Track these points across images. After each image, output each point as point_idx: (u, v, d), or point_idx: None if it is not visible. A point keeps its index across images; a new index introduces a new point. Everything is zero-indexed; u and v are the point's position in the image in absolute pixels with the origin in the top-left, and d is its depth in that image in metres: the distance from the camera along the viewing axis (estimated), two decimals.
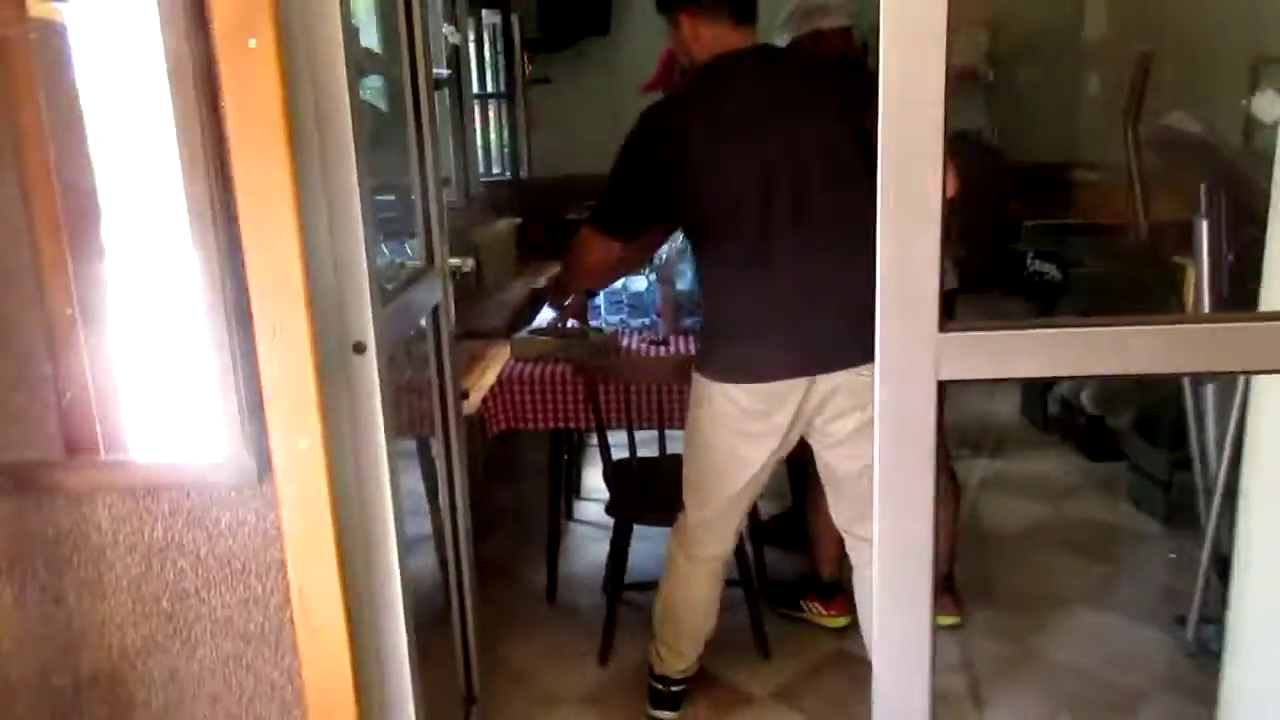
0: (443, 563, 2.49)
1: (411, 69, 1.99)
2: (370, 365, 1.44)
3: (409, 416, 2.64)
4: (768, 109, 1.94)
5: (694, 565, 2.30)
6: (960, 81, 6.65)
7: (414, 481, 2.95)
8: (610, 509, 2.70)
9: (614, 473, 2.71)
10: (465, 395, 3.01)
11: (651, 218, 2.17)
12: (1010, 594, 2.94)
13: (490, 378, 3.51)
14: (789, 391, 2.04)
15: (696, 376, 2.15)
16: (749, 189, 1.95)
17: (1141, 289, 3.05)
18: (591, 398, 2.61)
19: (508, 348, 3.88)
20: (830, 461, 2.17)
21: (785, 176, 1.94)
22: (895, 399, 1.36)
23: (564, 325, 2.89)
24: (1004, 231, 5.76)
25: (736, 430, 2.09)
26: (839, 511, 2.26)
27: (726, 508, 2.21)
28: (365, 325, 1.43)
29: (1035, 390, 4.16)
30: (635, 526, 2.63)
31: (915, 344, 1.34)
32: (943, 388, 1.33)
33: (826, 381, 2.04)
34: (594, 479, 3.81)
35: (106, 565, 1.45)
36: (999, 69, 6.71)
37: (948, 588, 2.78)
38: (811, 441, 2.17)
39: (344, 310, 1.43)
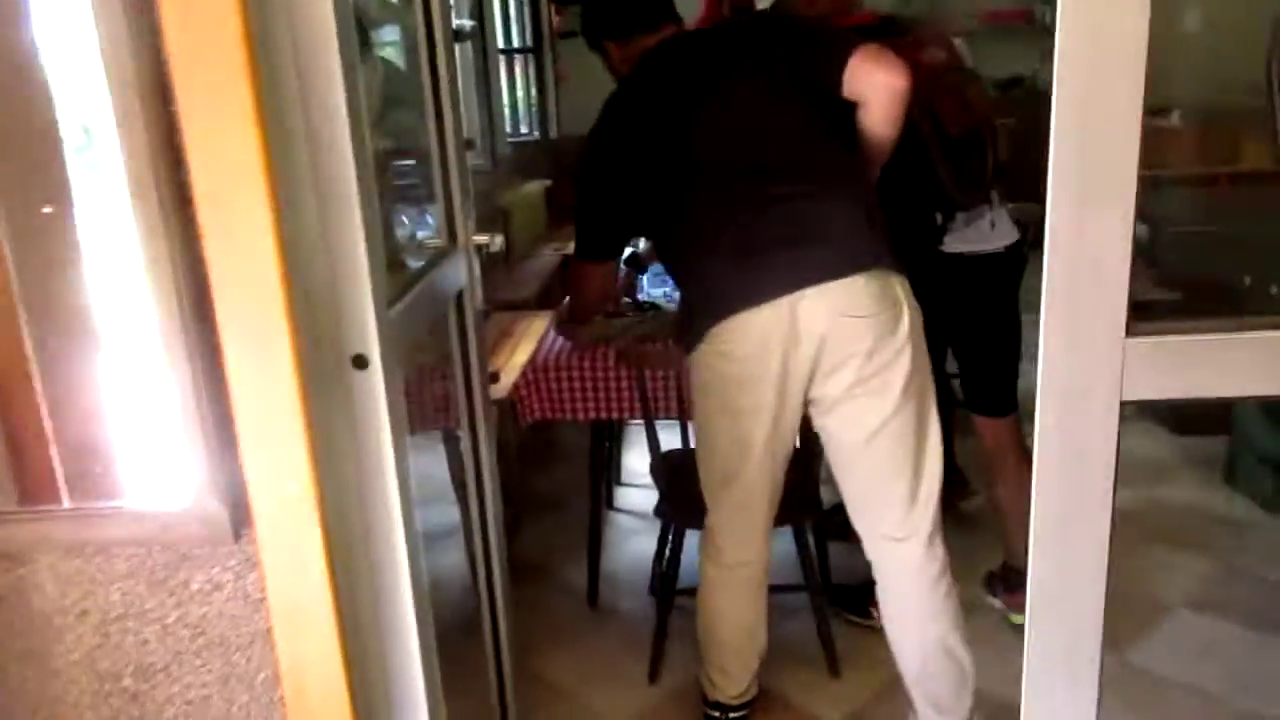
0: (472, 566, 2.18)
1: (426, 15, 1.64)
2: (375, 382, 1.11)
3: (432, 406, 2.34)
4: (702, 77, 1.90)
5: (724, 574, 2.02)
6: (1015, 24, 6.16)
7: (439, 468, 2.66)
8: (660, 510, 2.37)
9: (663, 466, 2.38)
10: (495, 378, 2.72)
11: (629, 225, 2.09)
12: None
13: (522, 356, 3.21)
14: (771, 336, 1.78)
15: (688, 357, 1.92)
16: (704, 150, 1.86)
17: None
18: (639, 386, 2.27)
19: (540, 322, 3.58)
20: (830, 429, 1.89)
21: (735, 130, 1.86)
22: (1060, 422, 1.02)
23: (618, 305, 2.60)
24: None
25: (730, 407, 1.86)
26: (849, 500, 1.95)
27: (743, 500, 1.94)
28: (368, 333, 1.10)
29: None
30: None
31: (1092, 351, 1.00)
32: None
33: (809, 318, 1.76)
34: (635, 462, 3.49)
35: (55, 635, 1.14)
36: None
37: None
38: (811, 413, 1.91)
39: (340, 315, 1.09)
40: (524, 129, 5.36)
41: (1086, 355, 0.99)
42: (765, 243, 1.79)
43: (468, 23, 3.59)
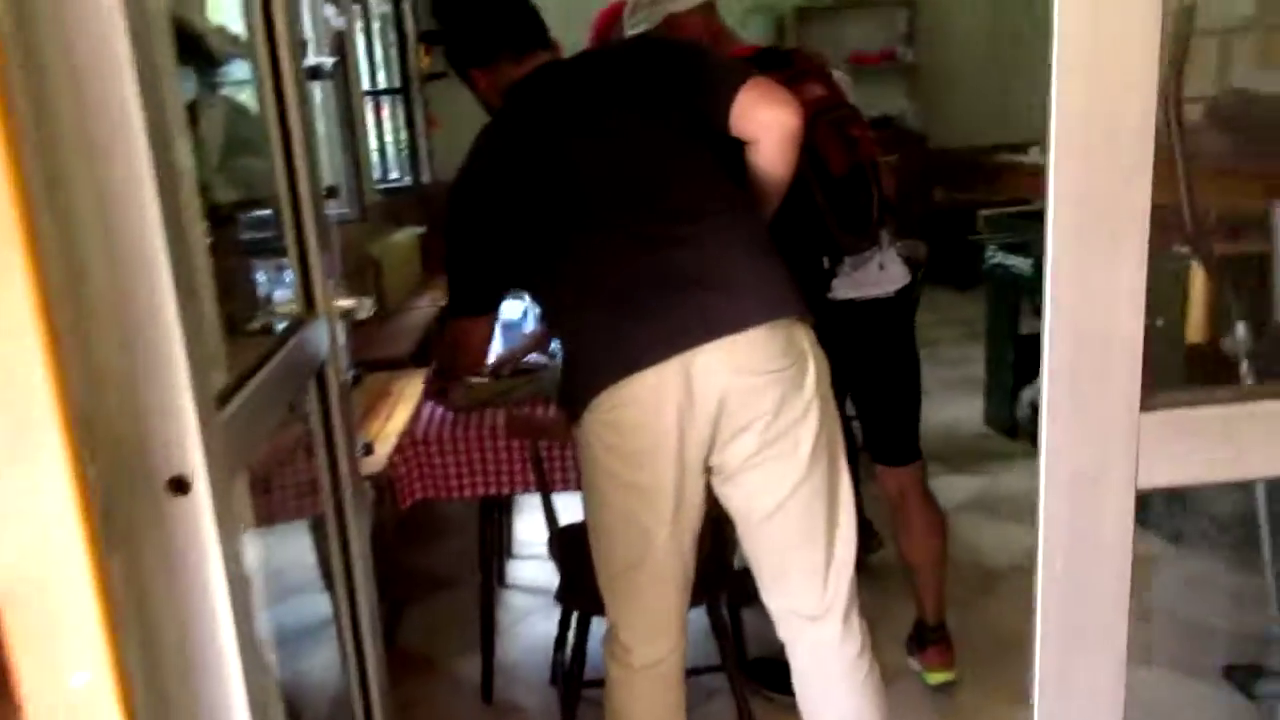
0: (345, 670, 1.88)
1: (270, 44, 1.38)
2: (200, 510, 0.82)
3: (294, 493, 2.03)
4: (576, 109, 1.72)
5: (633, 676, 1.73)
6: (880, 65, 6.24)
7: (305, 550, 2.33)
8: (561, 595, 2.11)
9: (562, 544, 2.12)
10: (369, 450, 2.44)
11: (504, 274, 1.80)
12: (1010, 640, 2.47)
13: (399, 421, 2.90)
14: (665, 401, 1.54)
15: (574, 428, 1.68)
16: (581, 189, 1.66)
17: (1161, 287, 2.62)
18: (532, 457, 2.02)
19: (418, 381, 3.27)
20: (735, 499, 1.67)
21: (616, 165, 1.66)
22: (1066, 516, 0.84)
23: (518, 364, 2.35)
24: (938, 220, 5.40)
25: (625, 484, 1.62)
26: (759, 576, 1.73)
27: (649, 591, 1.68)
28: (188, 446, 0.81)
29: (1000, 394, 3.73)
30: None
31: (1102, 430, 0.81)
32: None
33: (706, 377, 1.54)
34: (529, 531, 3.21)
35: None
36: (920, 50, 6.34)
37: (939, 638, 2.30)
38: (713, 481, 1.68)
39: (147, 425, 0.81)
40: (394, 175, 5.05)
41: (1096, 435, 0.81)
42: (653, 293, 1.57)
43: (328, 60, 3.29)
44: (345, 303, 1.53)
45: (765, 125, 1.59)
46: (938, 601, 2.28)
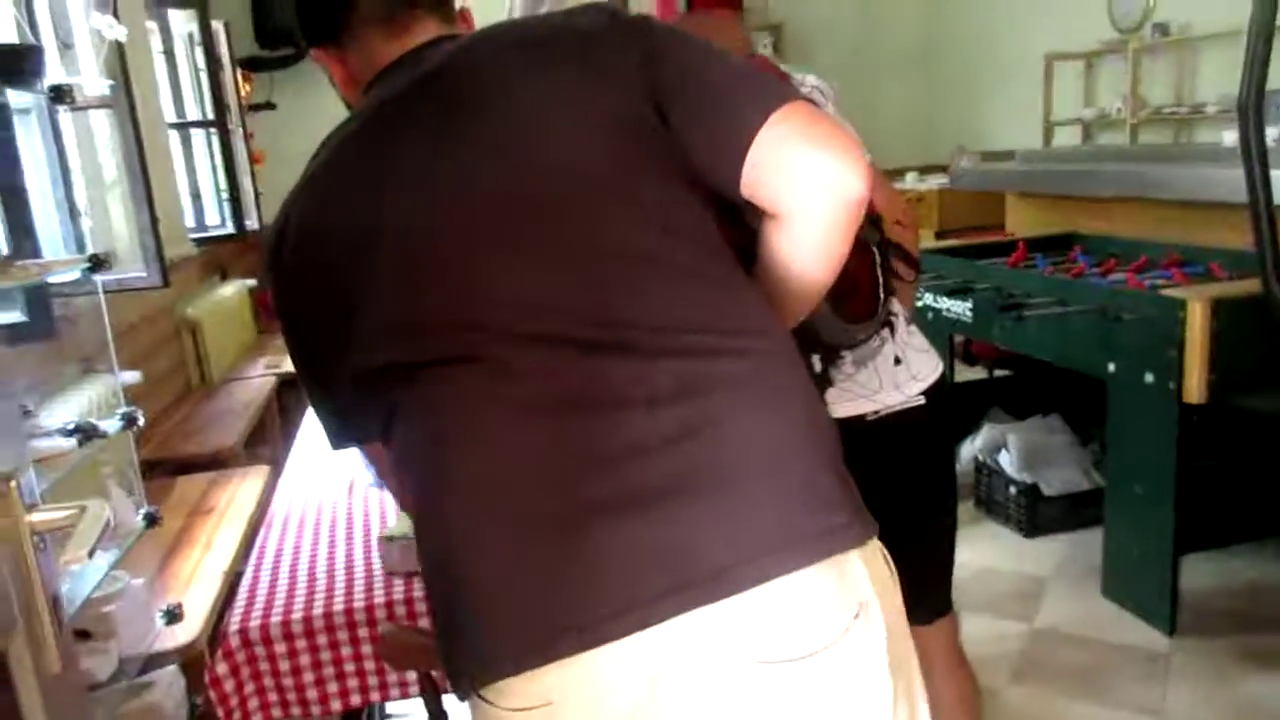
0: None
1: None
2: None
3: None
4: (450, 124, 0.92)
5: None
6: None
7: None
8: None
9: None
10: (175, 615, 1.74)
11: (361, 394, 0.96)
12: None
13: (224, 553, 2.16)
14: (606, 709, 0.83)
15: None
16: (438, 282, 0.89)
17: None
18: (423, 680, 1.28)
19: (253, 482, 2.54)
20: None
21: (503, 241, 0.89)
22: None
23: None
24: None
25: None
26: None
27: None
28: None
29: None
30: None
31: None
32: None
33: (687, 674, 0.82)
34: None
35: None
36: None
37: None
38: None
39: None
40: (213, 220, 4.14)
41: None
42: (584, 503, 0.83)
43: (107, 82, 2.42)
44: (49, 515, 0.76)
45: (812, 189, 0.88)
46: None
